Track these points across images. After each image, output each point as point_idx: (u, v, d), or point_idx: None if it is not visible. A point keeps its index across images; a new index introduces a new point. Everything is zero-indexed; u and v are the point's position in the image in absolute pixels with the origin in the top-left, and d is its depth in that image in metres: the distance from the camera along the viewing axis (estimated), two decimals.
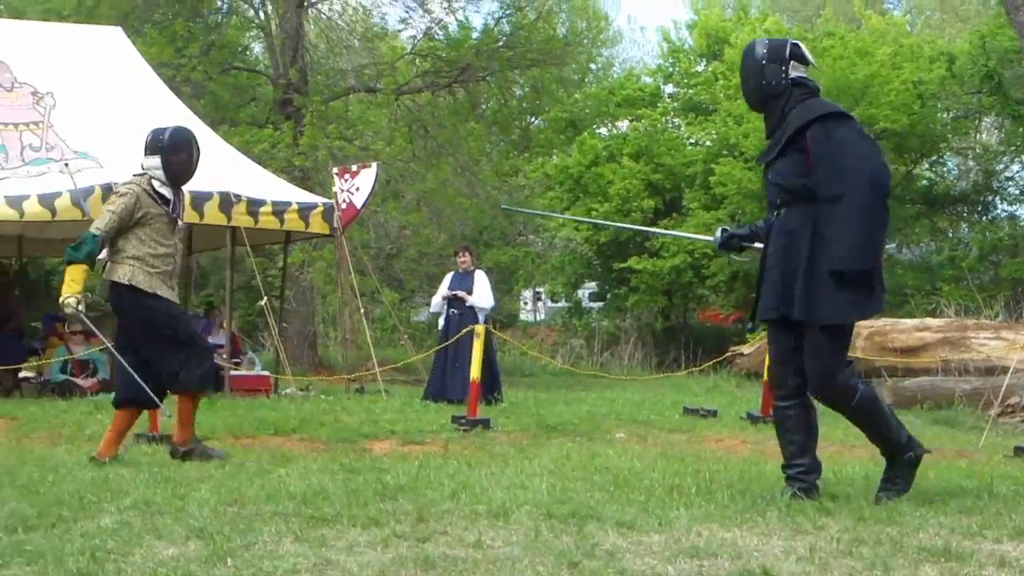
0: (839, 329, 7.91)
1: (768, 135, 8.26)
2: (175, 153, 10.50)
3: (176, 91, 24.11)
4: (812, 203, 7.79)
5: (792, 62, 8.07)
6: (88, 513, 7.13)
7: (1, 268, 20.55)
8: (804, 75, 8.14)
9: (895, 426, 8.08)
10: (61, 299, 10.20)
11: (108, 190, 17.67)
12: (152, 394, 10.29)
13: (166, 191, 10.50)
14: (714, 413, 16.21)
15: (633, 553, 6.08)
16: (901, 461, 8.03)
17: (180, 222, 10.81)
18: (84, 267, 10.19)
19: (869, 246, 7.70)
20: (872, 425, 8.08)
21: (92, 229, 10.28)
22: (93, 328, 11.64)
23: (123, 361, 10.47)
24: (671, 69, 40.60)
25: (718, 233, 8.79)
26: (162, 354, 10.31)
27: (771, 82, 8.05)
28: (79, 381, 18.82)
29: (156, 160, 10.44)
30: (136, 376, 10.17)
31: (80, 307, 10.18)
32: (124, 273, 10.22)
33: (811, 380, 7.95)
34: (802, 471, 8.01)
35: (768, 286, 8.09)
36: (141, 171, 10.55)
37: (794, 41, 8.25)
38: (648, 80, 41.40)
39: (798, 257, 7.81)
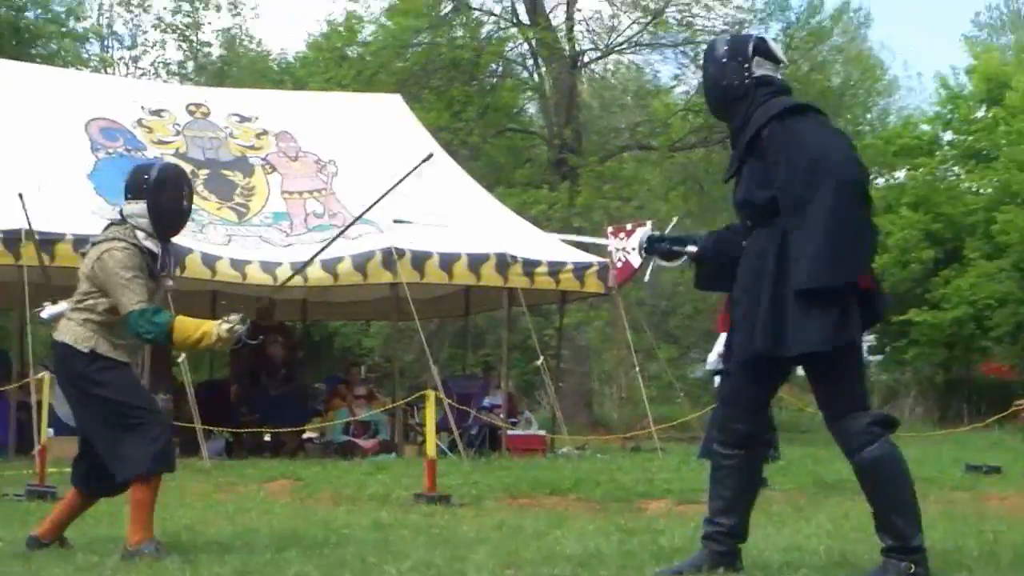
0: (826, 360, 6.64)
1: (733, 145, 7.15)
2: (162, 195, 8.26)
3: (453, 155, 24.59)
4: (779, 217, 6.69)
5: (756, 58, 6.98)
6: (371, 575, 7.26)
7: (285, 331, 21.09)
8: (772, 73, 7.04)
9: (910, 514, 6.81)
10: (215, 341, 8.15)
11: (390, 256, 18.14)
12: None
13: (152, 244, 8.27)
14: (998, 470, 15.74)
15: None
16: (894, 565, 6.68)
17: (168, 281, 8.69)
18: (175, 323, 8.08)
19: (839, 257, 6.45)
20: (882, 492, 6.85)
21: (135, 307, 7.97)
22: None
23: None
24: (949, 116, 39.73)
25: (642, 231, 7.59)
26: (109, 436, 8.20)
27: (732, 82, 6.96)
28: (360, 442, 19.19)
29: (140, 206, 8.21)
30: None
31: (240, 327, 8.10)
32: (83, 338, 8.16)
33: (824, 418, 6.91)
34: (722, 531, 7.17)
35: (738, 322, 6.96)
36: (119, 219, 8.35)
37: (760, 36, 7.23)
38: (926, 128, 40.59)
39: (763, 280, 6.65)
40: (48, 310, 8.63)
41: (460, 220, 20.22)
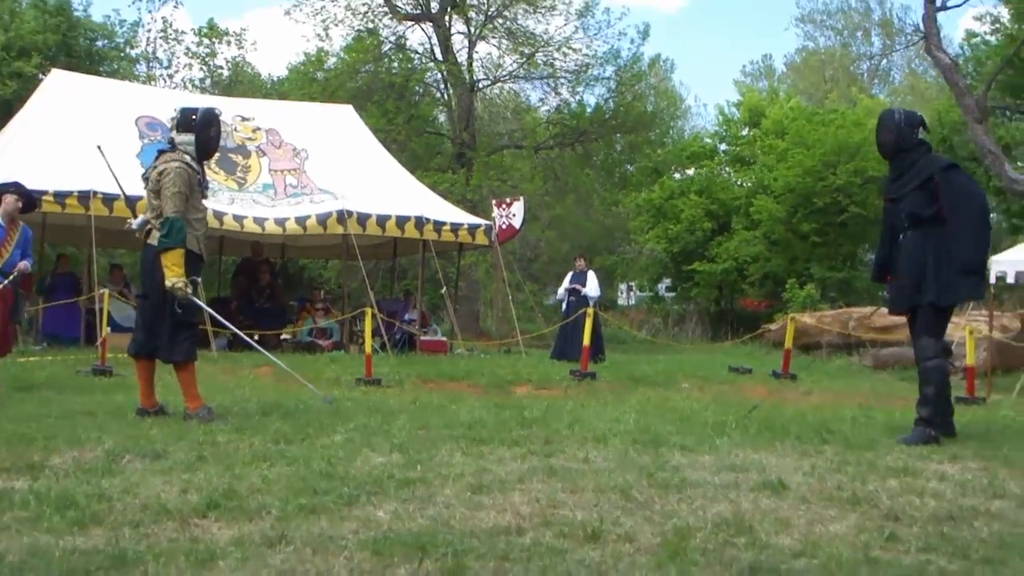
0: (948, 308, 7.64)
1: (895, 177, 7.85)
2: (206, 130, 8.15)
3: (387, 148, 24.36)
4: (935, 226, 7.50)
5: (920, 128, 7.78)
6: (326, 432, 7.25)
7: (270, 264, 20.85)
8: (923, 137, 7.83)
9: (941, 405, 7.59)
10: (169, 284, 7.78)
11: (342, 216, 17.97)
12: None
13: (196, 166, 8.10)
14: (749, 371, 15.98)
15: (691, 468, 6.08)
16: (921, 430, 7.45)
17: (207, 192, 8.37)
18: (181, 251, 7.80)
19: (983, 252, 7.54)
20: (930, 389, 7.53)
21: (171, 214, 7.81)
22: (202, 306, 8.45)
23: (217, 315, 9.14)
24: (724, 133, 39.98)
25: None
26: (171, 324, 8.02)
27: (906, 140, 7.72)
28: (320, 342, 19.04)
29: (190, 137, 8.09)
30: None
31: (189, 290, 7.83)
32: None
33: (912, 334, 7.80)
34: (935, 421, 7.59)
35: (902, 287, 7.71)
36: (170, 147, 8.15)
37: (919, 113, 7.99)
38: (708, 140, 40.77)
39: (927, 263, 7.51)
40: (135, 222, 8.18)
41: (391, 193, 20.19)
